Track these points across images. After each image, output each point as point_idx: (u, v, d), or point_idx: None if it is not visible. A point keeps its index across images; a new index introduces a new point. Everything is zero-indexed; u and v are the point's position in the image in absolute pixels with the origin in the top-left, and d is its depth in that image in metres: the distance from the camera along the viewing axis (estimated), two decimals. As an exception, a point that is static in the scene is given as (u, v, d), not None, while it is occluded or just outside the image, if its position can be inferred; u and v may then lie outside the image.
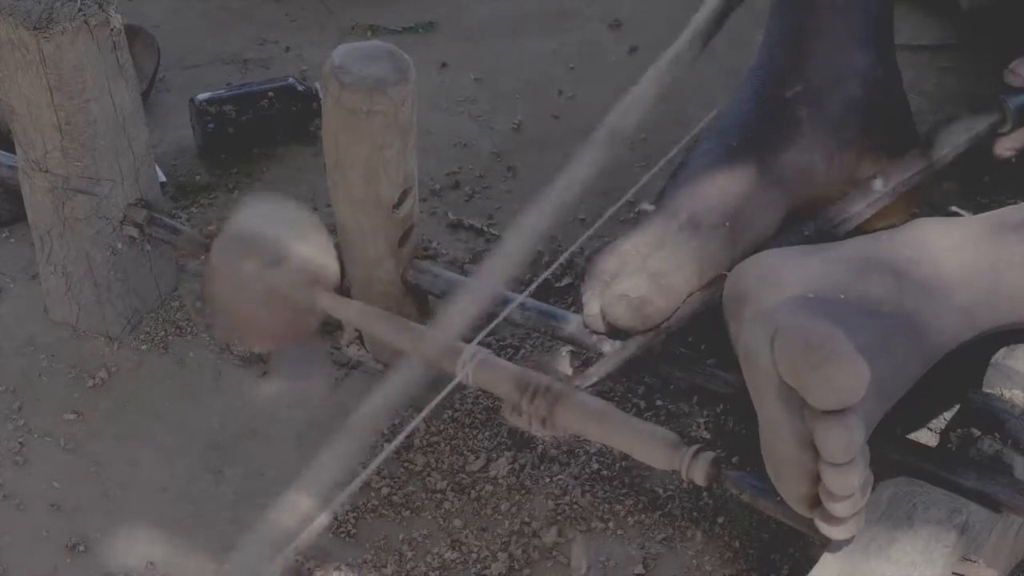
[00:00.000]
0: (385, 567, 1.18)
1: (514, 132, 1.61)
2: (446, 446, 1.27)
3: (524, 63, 1.71)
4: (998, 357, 1.11)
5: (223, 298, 1.19)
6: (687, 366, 1.18)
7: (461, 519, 1.21)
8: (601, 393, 1.25)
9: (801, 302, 1.01)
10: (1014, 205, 1.19)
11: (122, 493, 1.26)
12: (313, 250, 1.19)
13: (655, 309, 1.15)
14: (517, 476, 1.24)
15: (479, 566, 1.18)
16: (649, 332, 1.15)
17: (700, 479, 1.02)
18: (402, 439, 1.06)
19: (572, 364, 1.32)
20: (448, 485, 1.24)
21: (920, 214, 1.38)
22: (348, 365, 1.35)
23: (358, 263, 1.28)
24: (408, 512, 1.22)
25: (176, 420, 1.32)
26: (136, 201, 1.34)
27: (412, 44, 1.72)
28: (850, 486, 0.94)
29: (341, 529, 1.21)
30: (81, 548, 1.22)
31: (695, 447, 1.03)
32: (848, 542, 0.99)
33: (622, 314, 1.15)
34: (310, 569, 1.19)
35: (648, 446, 1.04)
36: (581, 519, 1.21)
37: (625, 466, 1.23)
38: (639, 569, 1.17)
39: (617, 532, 1.20)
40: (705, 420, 1.27)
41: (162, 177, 1.50)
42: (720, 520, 1.19)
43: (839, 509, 0.96)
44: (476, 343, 1.10)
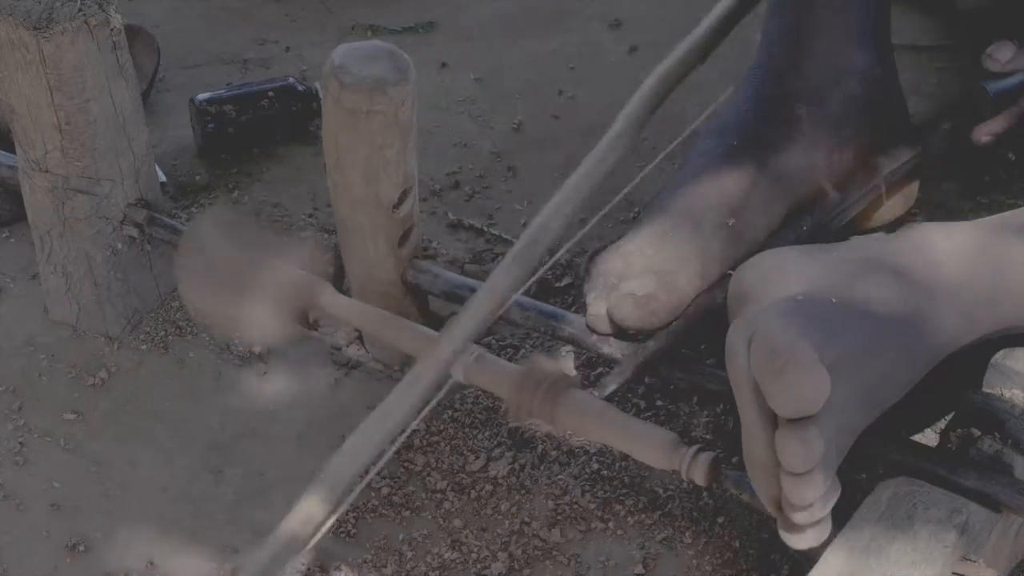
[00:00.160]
0: (385, 567, 1.18)
1: (514, 132, 1.61)
2: (446, 446, 1.27)
3: (524, 63, 1.71)
4: (998, 357, 1.11)
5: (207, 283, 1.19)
6: (687, 366, 1.18)
7: (461, 519, 1.21)
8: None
9: (786, 305, 1.01)
10: (1015, 209, 1.19)
11: (122, 493, 1.26)
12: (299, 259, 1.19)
13: (661, 306, 1.15)
14: (517, 476, 1.24)
15: (479, 566, 1.18)
16: (660, 335, 1.15)
17: (700, 479, 1.02)
18: (403, 439, 1.06)
19: (573, 364, 1.32)
20: (448, 485, 1.24)
21: (921, 214, 1.38)
22: (348, 365, 1.35)
23: (358, 263, 1.28)
24: (408, 512, 1.22)
25: (176, 420, 1.32)
26: (136, 201, 1.34)
27: (412, 44, 1.72)
28: (806, 497, 0.94)
29: (341, 529, 1.21)
30: (81, 548, 1.22)
31: (695, 447, 1.02)
32: (820, 546, 0.98)
33: (629, 313, 1.15)
34: (310, 569, 1.19)
35: (648, 446, 1.04)
36: (581, 519, 1.20)
37: (625, 466, 1.23)
38: (639, 569, 1.17)
39: (617, 532, 1.20)
40: (705, 420, 1.27)
41: (162, 177, 1.50)
42: (720, 520, 1.19)
43: (797, 518, 0.96)
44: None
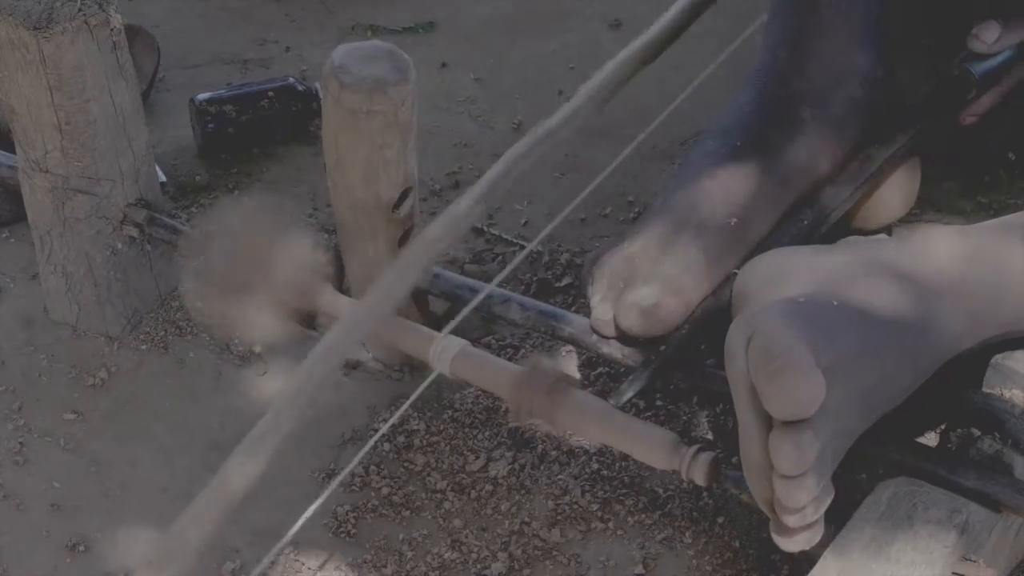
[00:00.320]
0: (385, 567, 1.18)
1: (514, 132, 1.61)
2: (446, 446, 1.27)
3: (524, 63, 1.71)
4: (998, 358, 1.11)
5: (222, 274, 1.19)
6: (687, 366, 1.18)
7: (461, 519, 1.21)
8: (601, 393, 1.26)
9: (785, 307, 1.01)
10: (1017, 212, 1.19)
11: (122, 493, 1.26)
12: (306, 251, 1.19)
13: (668, 314, 1.15)
14: (517, 476, 1.24)
15: (479, 566, 1.18)
16: (672, 340, 1.15)
17: (700, 479, 1.02)
18: (385, 431, 1.07)
19: (574, 364, 1.32)
20: (448, 485, 1.24)
21: (921, 214, 1.38)
22: (348, 365, 1.35)
23: (358, 263, 1.28)
24: (408, 512, 1.22)
25: (176, 420, 1.32)
26: (136, 201, 1.34)
27: (412, 44, 1.72)
28: (798, 500, 0.94)
29: (341, 529, 1.21)
30: (81, 548, 1.22)
31: (695, 447, 1.03)
32: (818, 551, 0.98)
33: (636, 322, 1.15)
34: (310, 569, 1.19)
35: (648, 446, 1.04)
36: (581, 519, 1.20)
37: (625, 466, 1.23)
38: (639, 569, 1.17)
39: (617, 532, 1.20)
40: (705, 420, 1.26)
41: (162, 177, 1.50)
42: (720, 520, 1.19)
43: (788, 520, 0.96)
44: (447, 332, 1.10)
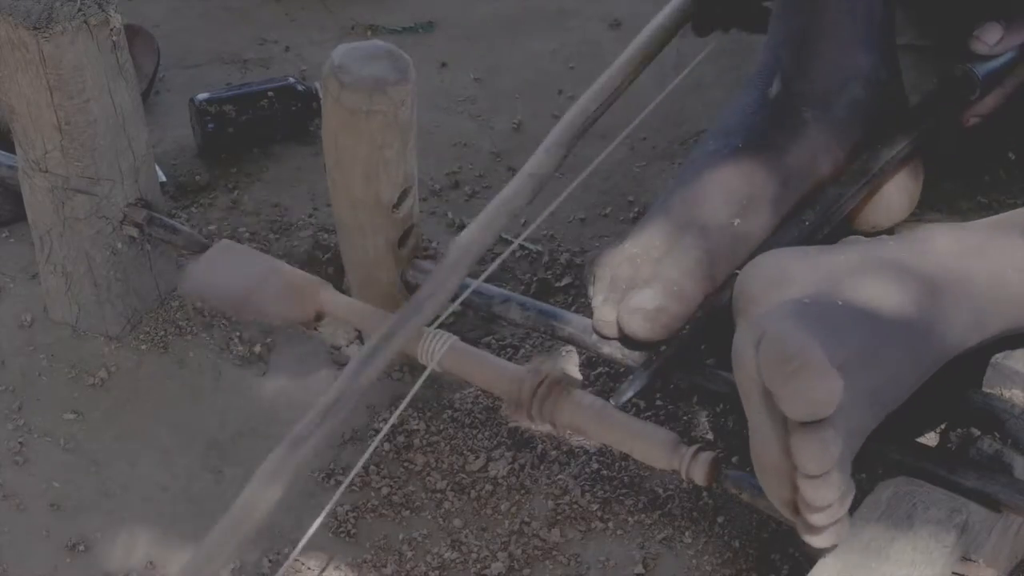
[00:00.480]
0: (385, 567, 1.18)
1: (514, 132, 1.61)
2: (446, 446, 1.26)
3: (524, 63, 1.71)
4: (998, 357, 1.11)
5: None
6: (687, 366, 1.17)
7: (461, 519, 1.21)
8: (601, 393, 1.26)
9: (793, 308, 1.01)
10: (1019, 208, 1.19)
11: (122, 493, 1.26)
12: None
13: (672, 317, 1.15)
14: (517, 476, 1.24)
15: (479, 566, 1.18)
16: (673, 341, 1.15)
17: (700, 479, 1.02)
18: (385, 432, 1.07)
19: (574, 364, 1.32)
20: (448, 485, 1.24)
21: (921, 214, 1.38)
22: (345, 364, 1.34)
23: (358, 263, 1.28)
24: (408, 512, 1.22)
25: (176, 420, 1.32)
26: (136, 201, 1.34)
27: (412, 44, 1.72)
28: (825, 498, 0.94)
29: (341, 529, 1.21)
30: (81, 548, 1.22)
31: (695, 447, 1.03)
32: (829, 549, 0.98)
33: (639, 326, 1.15)
34: (310, 569, 1.19)
35: (648, 446, 1.04)
36: (581, 519, 1.20)
37: (625, 466, 1.23)
38: (639, 569, 1.17)
39: (617, 532, 1.20)
40: (705, 420, 1.26)
41: (162, 177, 1.50)
42: (720, 520, 1.19)
43: (816, 519, 0.96)
44: (436, 326, 1.10)
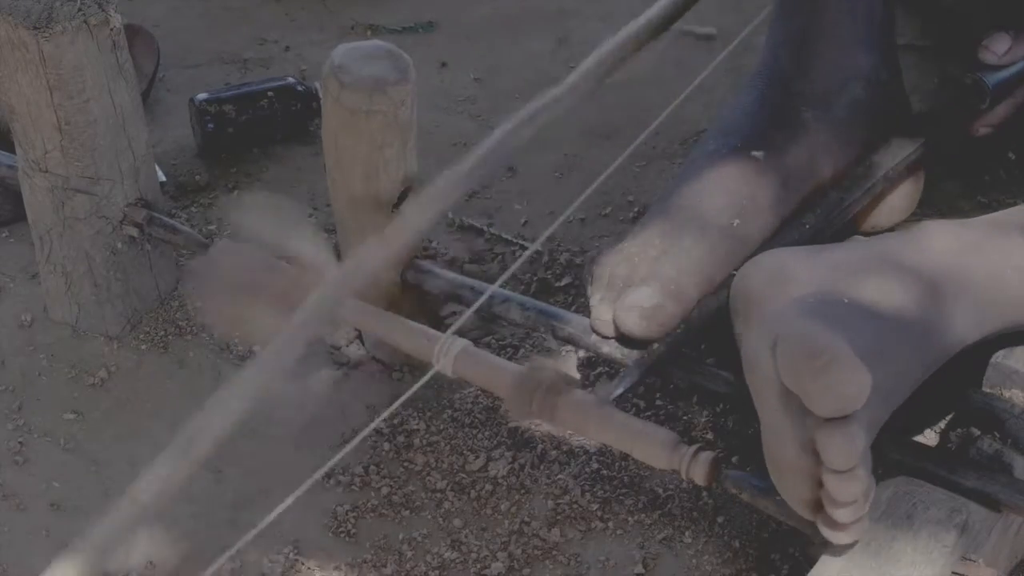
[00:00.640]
0: (385, 567, 1.18)
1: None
2: (446, 446, 1.26)
3: (524, 63, 1.71)
4: (998, 357, 1.11)
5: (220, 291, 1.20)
6: (687, 366, 1.18)
7: (461, 519, 1.21)
8: (601, 393, 1.26)
9: (803, 306, 1.01)
10: (1018, 206, 1.19)
11: (122, 493, 1.26)
12: (311, 251, 1.19)
13: (668, 316, 1.15)
14: (517, 476, 1.24)
15: (479, 566, 1.18)
16: (665, 339, 1.15)
17: (700, 479, 1.02)
18: (375, 426, 1.06)
19: (573, 364, 1.32)
20: (448, 485, 1.24)
21: (922, 214, 1.38)
22: (348, 365, 1.35)
23: (358, 263, 1.28)
24: (408, 512, 1.22)
25: (176, 420, 1.31)
26: (136, 201, 1.34)
27: (412, 44, 1.72)
28: (852, 493, 0.94)
29: (341, 529, 1.21)
30: (81, 548, 1.22)
31: (695, 447, 1.03)
32: (850, 546, 0.98)
33: (636, 324, 1.14)
34: (310, 568, 1.18)
35: (648, 446, 1.04)
36: (581, 519, 1.20)
37: (625, 466, 1.23)
38: (639, 569, 1.17)
39: (617, 532, 1.20)
40: (705, 420, 1.26)
41: (162, 177, 1.50)
42: (720, 520, 1.19)
43: (841, 515, 0.95)
44: (452, 332, 1.10)
